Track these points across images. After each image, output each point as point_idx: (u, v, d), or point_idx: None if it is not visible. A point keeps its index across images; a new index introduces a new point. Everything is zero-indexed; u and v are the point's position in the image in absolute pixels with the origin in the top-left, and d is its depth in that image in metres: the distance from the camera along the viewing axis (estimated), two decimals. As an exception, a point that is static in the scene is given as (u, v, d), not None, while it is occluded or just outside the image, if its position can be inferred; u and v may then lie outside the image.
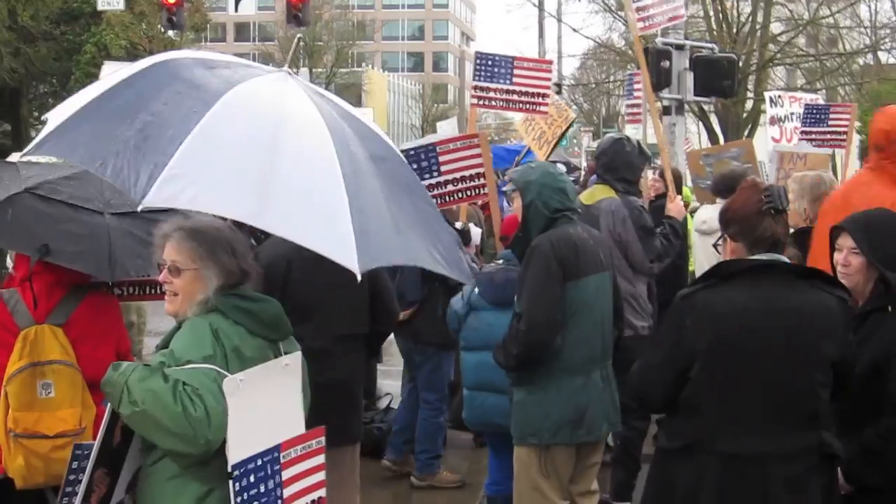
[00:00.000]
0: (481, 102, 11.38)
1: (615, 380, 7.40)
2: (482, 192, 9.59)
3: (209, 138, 4.42)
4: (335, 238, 4.41)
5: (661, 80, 19.53)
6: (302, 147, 4.69)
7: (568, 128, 12.81)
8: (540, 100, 11.15)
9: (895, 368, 5.67)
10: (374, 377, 12.04)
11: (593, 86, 59.11)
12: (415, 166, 9.22)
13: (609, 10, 45.04)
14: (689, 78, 20.36)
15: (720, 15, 41.84)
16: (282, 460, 4.55)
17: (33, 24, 51.12)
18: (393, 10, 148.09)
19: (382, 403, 11.88)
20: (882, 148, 7.03)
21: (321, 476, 4.75)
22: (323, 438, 4.73)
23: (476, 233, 10.70)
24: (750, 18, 42.40)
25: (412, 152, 9.35)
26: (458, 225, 10.57)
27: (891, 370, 5.67)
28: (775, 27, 44.28)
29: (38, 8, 50.24)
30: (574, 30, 51.14)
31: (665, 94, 20.43)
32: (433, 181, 9.28)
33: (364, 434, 10.98)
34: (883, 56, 52.26)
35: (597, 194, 9.39)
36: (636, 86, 14.44)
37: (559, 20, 47.47)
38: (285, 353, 4.96)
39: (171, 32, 52.44)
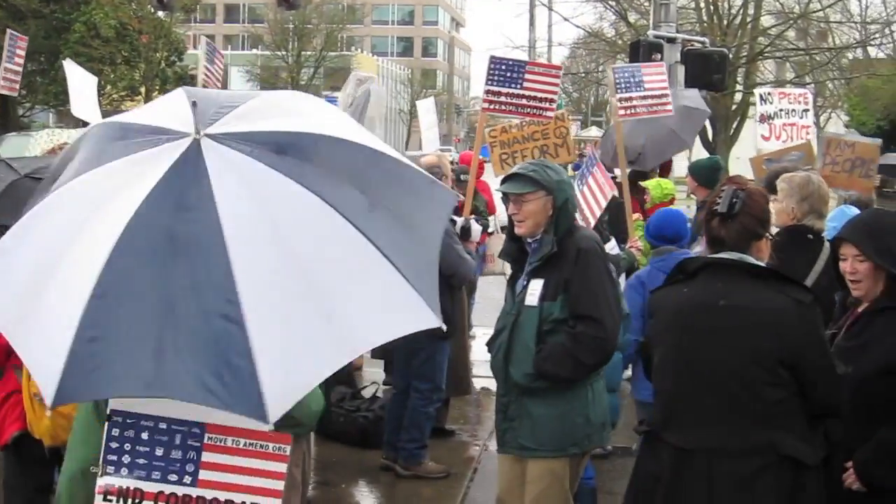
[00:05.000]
0: (492, 107, 11.47)
1: None
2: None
3: None
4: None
5: (652, 73, 19.54)
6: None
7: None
8: (547, 105, 11.34)
9: None
10: (350, 369, 11.93)
11: (583, 75, 59.07)
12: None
13: (600, 0, 44.97)
14: (681, 71, 20.34)
15: (711, 7, 41.81)
16: (205, 440, 4.31)
17: (23, 2, 50.98)
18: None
19: (368, 392, 11.84)
20: None
21: (276, 484, 4.35)
22: (287, 447, 4.33)
23: (477, 230, 10.63)
24: (741, 11, 42.40)
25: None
26: (459, 220, 10.54)
27: None
28: (766, 20, 44.37)
29: (30, -15, 50.16)
30: (565, 18, 50.90)
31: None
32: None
33: (350, 423, 11.05)
34: (872, 51, 52.51)
35: None
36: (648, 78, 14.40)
37: (550, 8, 47.57)
38: None
39: (160, 13, 52.35)
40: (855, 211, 10.32)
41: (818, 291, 5.78)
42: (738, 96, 42.93)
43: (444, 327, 4.06)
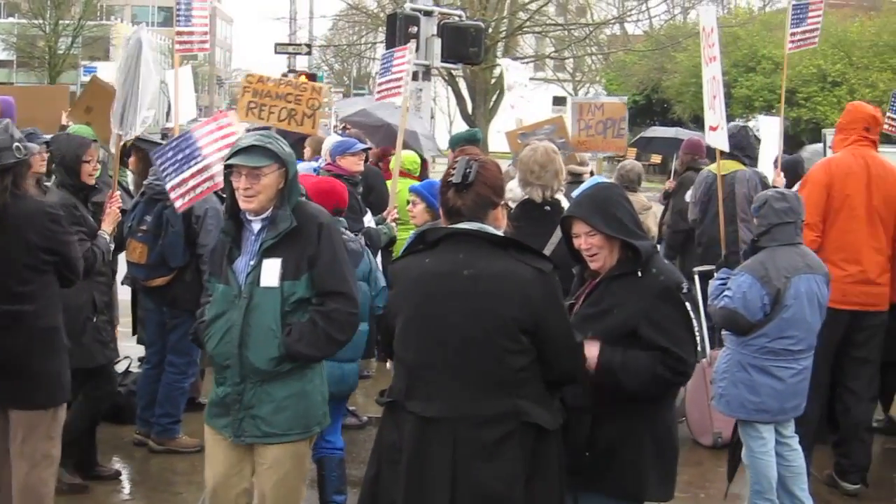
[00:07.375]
0: (183, 47, 12.17)
1: None
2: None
3: None
4: None
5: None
6: None
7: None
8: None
9: (650, 327, 5.98)
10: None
11: (345, 47, 59.15)
12: (174, 163, 8.83)
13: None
14: (437, 44, 20.51)
15: (471, -19, 42.19)
16: None
17: None
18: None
19: (121, 367, 11.66)
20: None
21: None
22: None
23: None
24: (501, -15, 42.89)
25: (168, 150, 8.94)
26: None
27: (647, 330, 5.98)
28: (526, -5, 44.98)
29: None
30: (327, -9, 51.06)
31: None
32: (201, 166, 8.80)
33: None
34: (629, 27, 53.86)
35: (728, 166, 12.18)
36: (396, 62, 14.39)
37: (312, -20, 47.40)
38: None
39: None
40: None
41: (557, 260, 5.90)
42: (497, 70, 43.47)
43: None
